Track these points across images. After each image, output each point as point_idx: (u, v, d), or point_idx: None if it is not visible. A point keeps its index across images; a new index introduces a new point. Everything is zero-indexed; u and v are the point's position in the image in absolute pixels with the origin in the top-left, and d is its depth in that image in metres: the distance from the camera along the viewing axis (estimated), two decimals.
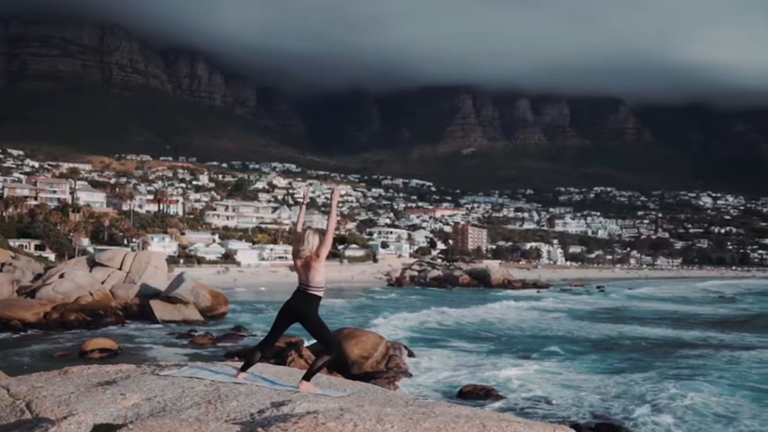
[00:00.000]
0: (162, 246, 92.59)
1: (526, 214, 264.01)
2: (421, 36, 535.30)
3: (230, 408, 4.52)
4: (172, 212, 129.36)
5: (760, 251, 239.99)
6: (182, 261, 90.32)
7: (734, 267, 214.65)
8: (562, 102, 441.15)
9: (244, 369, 5.78)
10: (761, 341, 32.68)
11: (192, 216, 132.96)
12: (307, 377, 5.58)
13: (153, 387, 5.06)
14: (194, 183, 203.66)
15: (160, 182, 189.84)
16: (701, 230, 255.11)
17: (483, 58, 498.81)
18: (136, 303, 41.81)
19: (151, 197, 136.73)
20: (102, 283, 43.17)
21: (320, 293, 5.70)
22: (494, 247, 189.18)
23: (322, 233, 5.68)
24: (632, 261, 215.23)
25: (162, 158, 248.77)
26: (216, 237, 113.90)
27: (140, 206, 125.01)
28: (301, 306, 5.62)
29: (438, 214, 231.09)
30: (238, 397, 4.81)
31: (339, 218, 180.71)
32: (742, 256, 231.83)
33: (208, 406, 4.56)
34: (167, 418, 3.92)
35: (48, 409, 4.49)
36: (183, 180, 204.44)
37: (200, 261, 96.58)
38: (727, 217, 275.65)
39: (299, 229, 5.85)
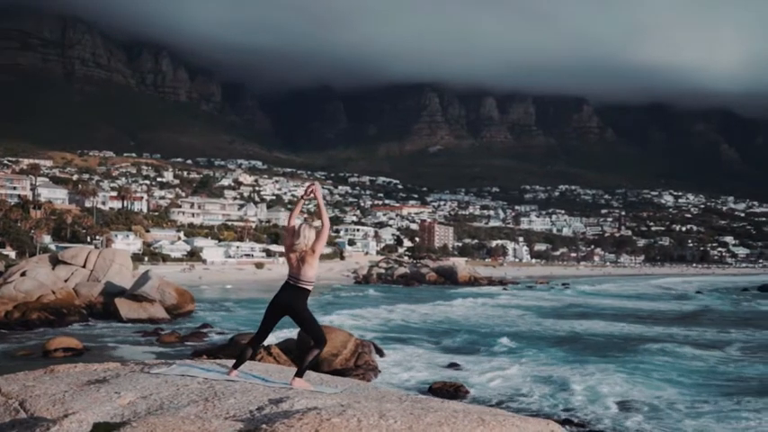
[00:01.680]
0: (126, 243, 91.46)
1: (492, 212, 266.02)
2: (387, 34, 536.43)
3: (228, 405, 4.51)
4: (136, 209, 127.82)
5: (719, 249, 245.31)
6: (146, 259, 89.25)
7: (694, 265, 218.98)
8: (527, 101, 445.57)
9: (236, 366, 5.78)
10: (722, 337, 33.39)
11: (156, 213, 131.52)
12: (299, 374, 5.61)
13: (146, 385, 5.02)
14: (159, 179, 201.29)
15: (124, 178, 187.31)
16: (663, 228, 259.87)
17: (449, 56, 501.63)
18: (100, 302, 41.10)
19: (115, 194, 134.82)
20: (66, 281, 42.39)
21: (310, 287, 5.75)
22: (460, 244, 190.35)
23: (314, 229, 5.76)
24: (596, 258, 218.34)
25: (125, 155, 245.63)
26: (181, 234, 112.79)
27: (104, 203, 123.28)
28: (292, 299, 5.66)
29: (405, 212, 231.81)
30: (235, 394, 4.80)
31: (306, 215, 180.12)
32: (702, 253, 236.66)
33: (206, 404, 4.54)
34: (169, 416, 3.90)
35: (43, 408, 4.45)
36: (147, 177, 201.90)
37: (165, 259, 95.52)
38: (688, 215, 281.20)
39: (292, 223, 5.86)
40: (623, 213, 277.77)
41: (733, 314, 50.18)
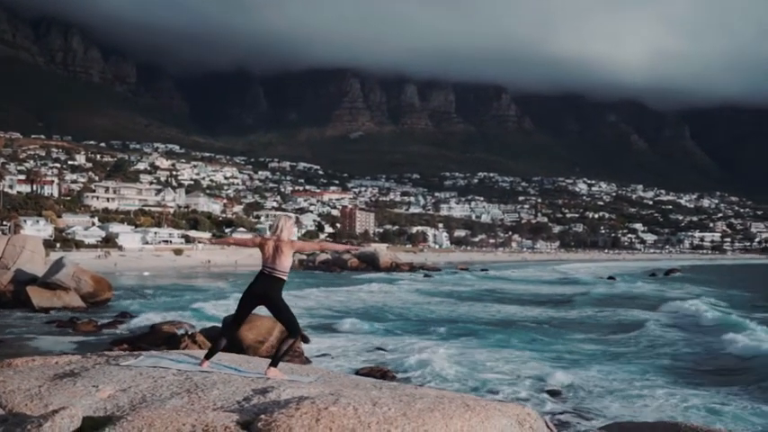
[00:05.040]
0: (36, 229, 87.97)
1: (412, 198, 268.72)
2: (308, 17, 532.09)
3: (214, 396, 4.46)
4: (46, 194, 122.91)
5: (629, 235, 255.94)
6: (58, 245, 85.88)
7: (606, 250, 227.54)
8: (448, 88, 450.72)
9: (208, 357, 5.75)
10: (639, 316, 34.77)
11: (68, 198, 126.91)
12: (274, 364, 5.61)
13: (122, 378, 4.89)
14: (70, 163, 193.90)
15: (32, 161, 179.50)
16: (577, 215, 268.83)
17: (371, 42, 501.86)
18: (10, 290, 39.28)
19: (23, 177, 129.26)
20: None
21: (285, 277, 5.88)
22: (381, 230, 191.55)
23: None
24: (514, 244, 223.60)
25: (33, 136, 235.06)
26: (95, 219, 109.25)
27: (11, 187, 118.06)
28: (267, 289, 5.69)
29: (325, 198, 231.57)
30: (216, 385, 4.75)
31: (236, 210, 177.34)
32: (614, 239, 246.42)
33: (189, 395, 4.47)
34: (161, 409, 3.86)
35: (21, 404, 4.30)
36: (57, 160, 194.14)
37: (79, 245, 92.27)
38: (601, 203, 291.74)
39: (254, 242, 6.06)
40: (539, 200, 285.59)
41: (643, 296, 52.24)
